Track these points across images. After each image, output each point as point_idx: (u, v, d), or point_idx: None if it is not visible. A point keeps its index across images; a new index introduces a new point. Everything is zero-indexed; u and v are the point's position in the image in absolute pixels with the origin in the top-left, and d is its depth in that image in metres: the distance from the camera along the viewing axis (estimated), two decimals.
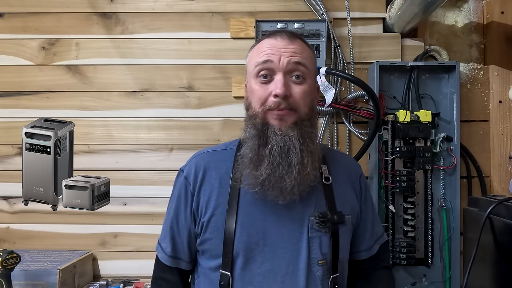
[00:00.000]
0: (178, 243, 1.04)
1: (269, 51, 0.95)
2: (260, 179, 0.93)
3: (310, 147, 0.95)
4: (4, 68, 1.78)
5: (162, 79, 1.76)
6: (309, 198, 0.97)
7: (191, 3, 1.76)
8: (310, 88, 0.98)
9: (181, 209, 1.04)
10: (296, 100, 0.94)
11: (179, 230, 1.04)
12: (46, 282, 1.50)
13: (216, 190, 1.00)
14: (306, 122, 0.96)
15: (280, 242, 0.95)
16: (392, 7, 1.66)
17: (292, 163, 0.92)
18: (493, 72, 1.73)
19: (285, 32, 0.99)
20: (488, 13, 1.77)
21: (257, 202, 0.97)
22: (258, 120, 0.95)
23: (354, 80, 1.53)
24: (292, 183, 0.92)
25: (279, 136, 0.93)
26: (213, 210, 0.98)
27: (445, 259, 1.65)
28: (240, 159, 0.98)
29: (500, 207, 1.28)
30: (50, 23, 1.77)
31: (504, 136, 1.72)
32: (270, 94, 0.93)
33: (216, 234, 0.97)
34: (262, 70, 0.95)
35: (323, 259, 0.96)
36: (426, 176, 1.66)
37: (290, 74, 0.95)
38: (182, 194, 1.04)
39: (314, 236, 0.96)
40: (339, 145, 1.73)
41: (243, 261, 0.95)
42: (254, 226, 0.96)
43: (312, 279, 0.95)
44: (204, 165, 1.03)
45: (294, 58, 0.94)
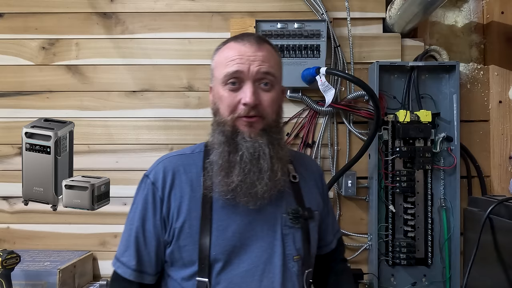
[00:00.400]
0: (144, 255, 0.98)
1: (238, 60, 0.94)
2: (232, 186, 0.93)
3: (279, 153, 0.97)
4: (4, 68, 1.78)
5: (162, 79, 1.76)
6: (280, 198, 0.99)
7: (191, 3, 1.76)
8: (277, 94, 0.99)
9: (149, 217, 0.98)
10: (264, 107, 0.95)
11: (146, 240, 0.98)
12: (46, 282, 1.50)
13: (187, 195, 0.98)
14: (274, 129, 0.98)
15: (255, 242, 0.96)
16: (392, 7, 1.66)
17: (262, 169, 0.94)
18: (493, 72, 1.73)
19: (253, 37, 0.98)
20: (488, 13, 1.77)
21: (229, 206, 0.97)
22: (227, 127, 0.95)
23: (354, 80, 1.53)
24: (263, 189, 0.93)
25: (249, 143, 0.94)
26: (186, 215, 0.96)
27: (445, 259, 1.65)
28: (209, 166, 0.97)
29: (500, 207, 1.28)
30: (50, 23, 1.77)
31: (504, 136, 1.72)
32: (239, 102, 0.94)
33: (189, 240, 0.95)
34: (231, 78, 0.94)
35: (297, 254, 0.99)
36: (426, 176, 1.66)
37: (259, 82, 0.95)
38: (149, 200, 0.99)
39: (287, 232, 0.98)
40: (339, 145, 1.73)
41: (221, 265, 0.94)
42: (229, 228, 0.96)
43: (289, 275, 0.97)
44: (172, 169, 1.00)
45: (263, 67, 0.94)
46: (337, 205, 1.73)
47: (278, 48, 1.66)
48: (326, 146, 1.73)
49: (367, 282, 1.67)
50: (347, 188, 1.67)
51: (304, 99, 1.70)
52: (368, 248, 1.68)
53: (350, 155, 1.72)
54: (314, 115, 1.72)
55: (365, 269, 1.70)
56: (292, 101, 1.73)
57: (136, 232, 0.98)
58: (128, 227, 1.01)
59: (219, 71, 0.97)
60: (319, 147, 1.72)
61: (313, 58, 1.67)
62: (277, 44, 1.66)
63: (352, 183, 1.67)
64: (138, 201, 1.01)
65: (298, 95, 1.70)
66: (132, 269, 0.97)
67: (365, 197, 1.71)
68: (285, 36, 1.67)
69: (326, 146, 1.73)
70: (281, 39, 1.67)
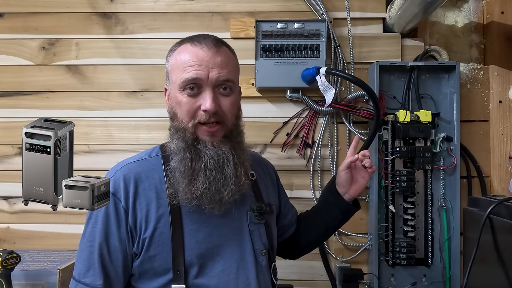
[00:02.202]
0: (110, 272, 0.93)
1: (196, 66, 0.93)
2: (197, 193, 0.93)
3: (241, 158, 0.98)
4: (4, 68, 1.77)
5: (162, 79, 1.74)
6: (243, 198, 1.02)
7: (191, 3, 1.76)
8: (236, 97, 1.00)
9: (112, 231, 0.94)
10: (224, 112, 0.96)
11: (111, 255, 0.93)
12: (46, 282, 1.50)
13: (154, 202, 0.96)
14: (234, 132, 0.99)
15: (225, 241, 0.98)
16: (392, 7, 1.66)
17: (227, 176, 0.94)
18: (493, 72, 1.73)
19: (210, 40, 0.98)
20: (488, 13, 1.77)
21: (196, 211, 0.97)
22: (188, 134, 0.95)
23: (354, 80, 1.53)
24: (229, 194, 0.94)
25: (212, 151, 0.94)
26: (156, 223, 0.94)
27: (445, 259, 1.65)
28: (170, 173, 0.96)
29: (500, 207, 1.28)
30: (50, 23, 1.77)
31: (504, 136, 1.72)
32: (199, 108, 0.94)
33: (161, 248, 0.93)
34: (190, 84, 0.94)
35: (264, 248, 1.03)
36: (426, 176, 1.66)
37: (218, 87, 0.95)
38: (111, 213, 0.94)
39: (253, 229, 1.02)
40: (339, 145, 1.73)
41: (197, 269, 0.94)
42: (200, 232, 0.96)
43: (260, 269, 1.01)
44: (134, 176, 0.97)
45: (222, 75, 0.94)
46: None
47: (278, 48, 1.67)
48: (326, 146, 1.73)
49: (367, 282, 1.67)
50: None
51: (304, 99, 1.70)
52: (368, 248, 1.68)
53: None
54: (314, 115, 1.72)
55: (365, 269, 1.70)
56: (292, 101, 1.73)
57: (99, 249, 0.94)
58: (87, 245, 0.95)
59: (176, 75, 0.96)
60: (319, 147, 1.72)
61: (313, 58, 1.67)
62: (277, 44, 1.66)
63: None
64: (97, 215, 0.96)
65: (298, 95, 1.70)
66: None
67: (365, 197, 1.71)
68: (285, 36, 1.67)
69: (326, 146, 1.73)
70: (281, 39, 1.67)
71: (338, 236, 1.71)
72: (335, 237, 1.70)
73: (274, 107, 1.74)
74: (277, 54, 1.67)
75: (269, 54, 1.67)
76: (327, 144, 1.73)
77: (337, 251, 1.72)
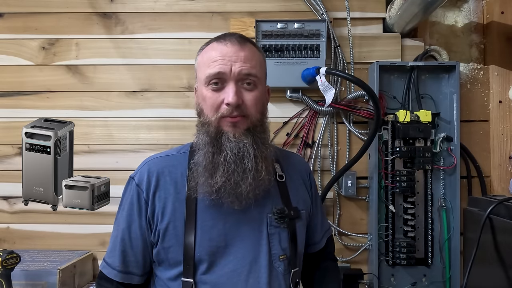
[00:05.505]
0: (129, 256, 0.99)
1: (220, 61, 0.94)
2: (216, 187, 0.93)
3: (264, 152, 0.97)
4: (4, 68, 1.78)
5: (162, 79, 1.76)
6: (265, 198, 0.99)
7: (191, 3, 1.76)
8: (261, 93, 0.99)
9: (134, 218, 0.99)
10: (248, 107, 0.95)
11: (132, 241, 0.99)
12: (46, 282, 1.50)
13: (172, 196, 0.98)
14: (258, 128, 0.98)
15: (240, 242, 0.97)
16: (392, 7, 1.66)
17: (246, 169, 0.94)
18: (493, 72, 1.73)
19: (234, 37, 0.98)
20: (488, 13, 1.77)
21: (214, 206, 0.97)
22: (211, 128, 0.95)
23: (354, 80, 1.53)
24: (247, 188, 0.93)
25: (233, 143, 0.94)
26: (170, 216, 0.97)
27: (445, 259, 1.65)
28: (193, 167, 0.97)
29: (500, 207, 1.28)
30: (50, 23, 1.77)
31: (504, 136, 1.72)
32: (223, 102, 0.94)
33: (174, 241, 0.95)
34: (214, 79, 0.94)
35: (283, 254, 0.99)
36: (426, 176, 1.66)
37: (242, 82, 0.95)
38: (134, 202, 0.99)
39: (273, 232, 0.99)
40: (339, 145, 1.73)
41: (206, 266, 0.95)
42: (214, 229, 0.96)
43: (275, 274, 0.98)
44: (157, 170, 1.01)
45: (244, 68, 0.94)
46: (337, 205, 1.73)
47: (278, 48, 1.67)
48: (326, 146, 1.73)
49: (367, 282, 1.67)
50: (347, 188, 1.67)
51: (304, 99, 1.70)
52: (368, 248, 1.68)
53: (350, 155, 1.72)
54: (314, 115, 1.72)
55: (365, 269, 1.70)
56: (292, 101, 1.73)
57: (122, 234, 0.99)
58: (115, 229, 1.02)
59: (202, 72, 0.97)
60: (319, 147, 1.72)
61: (313, 58, 1.67)
62: (277, 44, 1.66)
63: (352, 183, 1.67)
64: (124, 203, 1.02)
65: (298, 95, 1.70)
66: (117, 270, 0.98)
67: (365, 197, 1.71)
68: (285, 36, 1.67)
69: (326, 146, 1.73)
70: (281, 39, 1.67)
71: (338, 236, 1.71)
72: (335, 237, 1.70)
73: (274, 107, 1.74)
74: (277, 54, 1.67)
75: (269, 54, 1.67)
76: (327, 144, 1.73)
77: (337, 251, 1.70)
